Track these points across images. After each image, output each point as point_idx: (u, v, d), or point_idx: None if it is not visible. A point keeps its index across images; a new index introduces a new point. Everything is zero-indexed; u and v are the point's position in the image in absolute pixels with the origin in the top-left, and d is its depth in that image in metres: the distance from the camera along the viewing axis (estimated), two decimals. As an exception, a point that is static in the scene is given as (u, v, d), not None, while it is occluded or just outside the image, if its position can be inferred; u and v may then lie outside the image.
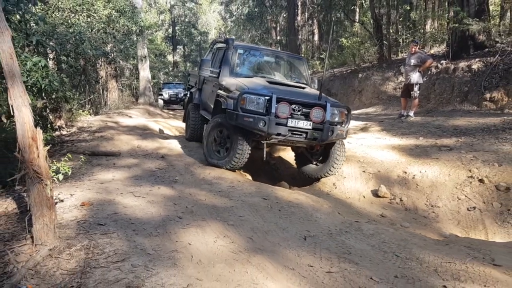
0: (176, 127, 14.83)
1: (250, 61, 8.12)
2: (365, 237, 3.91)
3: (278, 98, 5.93)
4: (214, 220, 4.16)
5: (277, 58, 8.44)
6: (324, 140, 6.17)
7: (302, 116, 6.10)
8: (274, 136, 6.00)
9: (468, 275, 2.98)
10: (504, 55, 10.42)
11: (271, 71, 8.07)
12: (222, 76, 7.33)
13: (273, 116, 5.86)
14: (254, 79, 7.02)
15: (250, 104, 5.99)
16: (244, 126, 6.06)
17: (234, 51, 7.66)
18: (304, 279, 2.94)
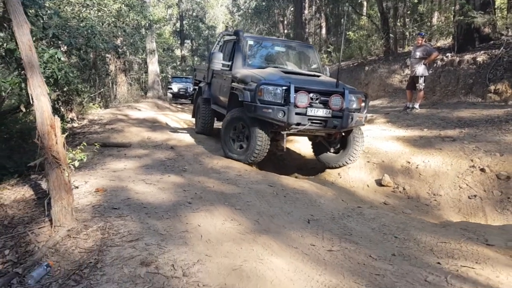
0: (184, 120, 15.04)
1: (261, 52, 8.06)
2: (366, 221, 4.10)
3: (296, 88, 5.90)
4: (222, 205, 4.36)
5: (288, 48, 8.36)
6: (344, 128, 6.17)
7: (321, 105, 6.07)
8: (294, 126, 5.97)
9: (461, 253, 3.16)
10: (508, 47, 10.50)
11: (283, 61, 8.02)
12: (235, 68, 7.25)
13: (292, 106, 5.83)
14: (268, 70, 6.97)
15: (267, 95, 5.95)
16: (263, 118, 6.02)
17: (245, 42, 7.58)
18: (306, 256, 3.13)
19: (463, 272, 2.85)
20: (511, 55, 10.26)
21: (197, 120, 9.72)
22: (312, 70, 7.82)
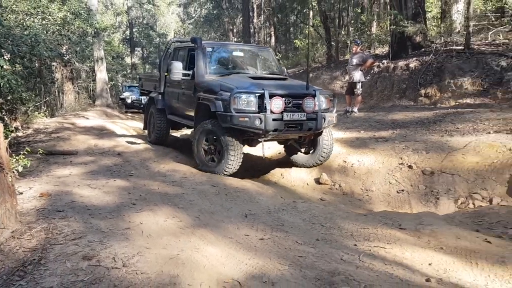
0: (133, 128, 15.03)
1: (220, 58, 7.89)
2: (298, 213, 4.46)
3: (270, 93, 5.89)
4: (165, 205, 4.59)
5: (246, 52, 8.23)
6: (319, 129, 6.27)
7: (295, 108, 6.10)
8: (272, 132, 5.93)
9: (376, 236, 3.57)
10: (437, 54, 11.38)
11: (243, 65, 7.91)
12: (198, 77, 7.02)
13: (269, 112, 5.80)
14: (233, 76, 6.93)
15: (242, 103, 5.88)
16: (240, 127, 5.95)
17: (203, 49, 7.35)
18: (239, 244, 3.43)
19: (375, 251, 3.25)
20: (439, 61, 11.13)
21: (150, 130, 9.40)
22: (273, 72, 7.85)
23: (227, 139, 6.13)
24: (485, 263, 2.95)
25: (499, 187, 5.94)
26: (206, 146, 6.59)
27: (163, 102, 8.57)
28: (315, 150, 7.03)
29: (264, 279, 2.76)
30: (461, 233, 3.50)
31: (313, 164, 7.17)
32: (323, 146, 6.90)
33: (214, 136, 6.39)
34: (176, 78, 7.34)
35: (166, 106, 8.48)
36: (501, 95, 9.48)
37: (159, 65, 8.91)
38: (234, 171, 6.29)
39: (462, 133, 7.58)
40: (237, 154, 6.16)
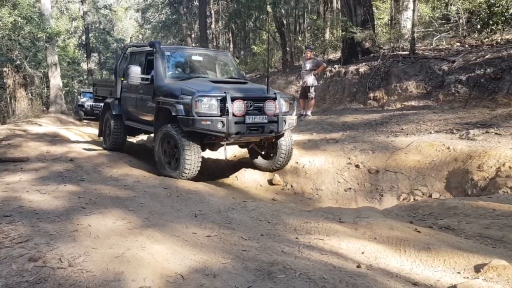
0: (88, 134, 14.82)
1: (179, 62, 7.90)
2: (247, 212, 4.61)
3: (232, 97, 5.99)
4: (115, 208, 4.63)
5: (205, 56, 8.25)
6: (280, 132, 6.38)
7: (256, 111, 6.23)
8: (234, 135, 6.03)
9: (317, 230, 3.78)
10: (385, 59, 11.90)
11: (202, 69, 7.93)
12: (158, 81, 6.96)
13: (231, 116, 5.89)
14: (194, 80, 6.91)
15: (204, 107, 5.92)
16: (202, 130, 6.00)
17: (162, 53, 7.28)
18: (186, 242, 3.54)
19: (314, 243, 3.45)
20: (386, 66, 11.66)
21: (105, 137, 9.18)
22: (232, 77, 7.91)
23: (184, 143, 6.13)
24: (412, 250, 3.20)
25: (438, 183, 6.33)
26: (165, 151, 6.59)
27: (119, 107, 8.45)
28: (275, 154, 7.09)
29: (207, 272, 2.89)
30: (394, 224, 3.76)
31: (273, 168, 7.24)
32: (281, 150, 6.96)
33: (173, 140, 6.37)
34: (134, 83, 7.20)
35: (123, 112, 8.36)
36: (442, 97, 10.05)
37: (115, 70, 8.80)
38: (192, 175, 6.30)
39: (406, 133, 8.00)
40: (194, 158, 6.17)
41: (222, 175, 7.74)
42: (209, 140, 6.54)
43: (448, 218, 4.01)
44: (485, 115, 8.08)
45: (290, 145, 7.02)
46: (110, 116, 8.65)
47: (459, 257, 2.97)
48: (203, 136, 6.30)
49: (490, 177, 5.78)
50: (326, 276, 2.71)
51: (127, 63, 8.24)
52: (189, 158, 6.13)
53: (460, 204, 4.23)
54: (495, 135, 6.77)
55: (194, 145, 6.18)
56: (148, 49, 7.71)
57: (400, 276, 2.78)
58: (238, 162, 8.07)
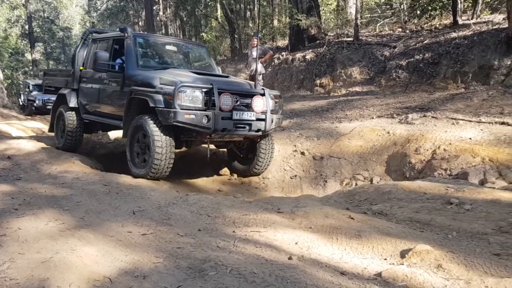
0: (32, 128, 14.24)
1: (153, 51, 7.25)
2: (188, 206, 4.55)
3: (219, 89, 5.50)
4: (50, 208, 4.44)
5: (180, 47, 7.70)
6: (267, 131, 5.95)
7: (244, 107, 5.77)
8: (220, 132, 5.52)
9: (255, 222, 3.78)
10: (330, 46, 12.05)
11: (177, 61, 7.34)
12: (129, 69, 6.31)
13: (218, 110, 5.39)
14: (173, 71, 6.31)
15: (187, 99, 5.38)
16: (184, 125, 5.44)
17: (134, 40, 6.63)
18: (119, 242, 3.45)
19: (250, 235, 3.45)
20: (332, 52, 11.83)
21: (58, 133, 8.25)
22: (211, 71, 7.33)
23: (154, 137, 5.52)
24: (344, 238, 3.26)
25: (378, 167, 6.52)
26: (137, 147, 5.99)
27: (76, 100, 7.67)
28: (253, 157, 6.60)
29: (137, 273, 2.82)
30: (330, 212, 3.81)
31: (251, 173, 6.77)
32: (261, 154, 6.49)
33: (144, 134, 5.78)
34: (102, 70, 6.56)
35: (80, 105, 7.59)
36: (384, 82, 10.32)
37: (73, 58, 8.10)
38: (162, 174, 5.72)
39: (350, 119, 8.17)
40: (166, 155, 5.56)
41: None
42: (188, 137, 6.04)
43: (382, 203, 4.13)
44: (424, 99, 8.37)
45: (271, 148, 6.57)
46: (65, 109, 7.81)
47: (387, 243, 3.05)
48: (181, 131, 5.79)
49: (427, 160, 6.01)
50: (257, 271, 2.71)
51: (88, 50, 7.59)
52: (159, 156, 5.51)
53: (394, 189, 4.36)
54: (432, 118, 7.03)
55: (166, 140, 5.55)
56: (115, 35, 7.13)
57: (329, 266, 2.82)
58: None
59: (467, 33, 9.76)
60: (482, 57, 8.80)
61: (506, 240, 2.96)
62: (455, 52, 9.25)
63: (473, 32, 9.68)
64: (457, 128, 6.39)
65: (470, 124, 6.43)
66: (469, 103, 7.49)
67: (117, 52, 6.91)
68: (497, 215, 3.40)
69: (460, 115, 6.93)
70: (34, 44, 41.56)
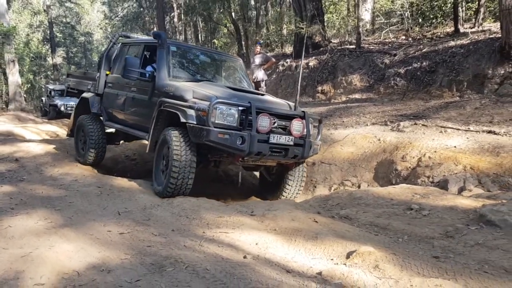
0: (46, 132, 14.73)
1: (186, 61, 6.80)
2: (171, 208, 4.80)
3: (257, 109, 4.99)
4: (43, 208, 4.75)
5: (215, 59, 7.24)
6: (305, 157, 5.50)
7: (281, 130, 5.27)
8: (254, 155, 5.01)
9: (227, 223, 4.00)
10: (332, 53, 12.22)
11: (211, 74, 6.91)
12: (160, 80, 5.87)
13: (254, 131, 4.88)
14: (207, 84, 5.89)
15: (221, 117, 4.92)
16: (217, 145, 4.94)
17: (168, 48, 6.20)
18: (97, 240, 3.72)
19: (217, 236, 3.68)
20: (334, 59, 11.98)
21: (78, 144, 7.61)
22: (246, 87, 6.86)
23: (174, 152, 5.07)
24: (301, 239, 3.46)
25: (367, 173, 6.67)
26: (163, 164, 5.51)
27: (99, 105, 7.26)
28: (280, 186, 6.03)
29: (103, 268, 3.08)
30: (298, 215, 4.01)
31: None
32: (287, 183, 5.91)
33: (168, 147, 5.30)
34: (131, 78, 6.12)
35: (104, 111, 7.19)
36: (383, 90, 10.43)
37: (99, 61, 7.86)
38: (180, 192, 5.21)
39: (346, 126, 8.32)
40: (184, 172, 5.07)
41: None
42: (217, 157, 5.59)
43: (350, 208, 4.31)
44: (420, 106, 8.47)
45: (301, 176, 5.94)
46: (87, 120, 7.25)
47: (338, 245, 3.24)
48: (210, 150, 5.33)
49: (412, 167, 6.14)
50: (210, 268, 2.94)
51: (117, 54, 7.22)
52: (175, 174, 5.06)
53: (364, 195, 4.53)
54: (422, 126, 7.14)
55: (186, 157, 5.06)
56: (147, 41, 6.85)
57: (279, 265, 3.03)
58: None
59: (464, 42, 9.82)
60: (477, 66, 8.87)
61: (449, 244, 3.12)
62: (451, 61, 9.34)
63: (470, 41, 9.74)
64: (444, 136, 6.50)
65: (458, 133, 6.54)
66: (461, 111, 7.58)
67: (148, 59, 6.63)
68: (449, 220, 3.55)
69: (450, 123, 7.03)
70: (55, 49, 42.75)
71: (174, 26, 23.46)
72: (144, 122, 6.09)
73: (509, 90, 8.02)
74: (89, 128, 7.05)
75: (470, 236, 3.23)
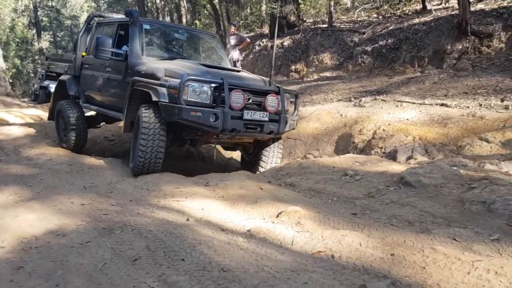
0: (30, 116, 14.92)
1: (160, 39, 6.70)
2: (135, 182, 5.12)
3: (230, 85, 4.99)
4: (15, 185, 5.07)
5: (190, 36, 7.13)
6: (280, 133, 5.51)
7: (255, 106, 5.25)
8: (228, 132, 5.03)
9: (181, 193, 4.35)
10: (306, 33, 12.46)
11: (186, 51, 6.85)
12: (133, 58, 5.82)
13: (227, 108, 4.89)
14: (180, 62, 5.83)
15: (194, 94, 4.90)
16: (189, 123, 4.98)
17: (140, 26, 6.12)
18: (59, 210, 4.05)
19: (169, 204, 4.02)
20: (307, 39, 12.23)
21: (60, 130, 7.51)
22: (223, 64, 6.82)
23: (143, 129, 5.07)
24: (243, 204, 3.82)
25: (328, 147, 7.03)
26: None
27: (77, 87, 7.24)
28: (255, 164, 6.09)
29: (59, 232, 3.41)
30: (247, 184, 4.36)
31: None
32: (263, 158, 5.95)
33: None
34: (103, 58, 6.08)
35: (81, 93, 7.17)
36: (351, 68, 10.75)
37: (75, 43, 7.74)
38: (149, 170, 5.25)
39: (314, 103, 8.65)
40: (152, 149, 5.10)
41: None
42: (191, 136, 5.64)
43: (296, 176, 4.67)
44: (384, 83, 8.80)
45: (277, 153, 5.98)
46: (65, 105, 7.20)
47: (273, 207, 3.60)
48: (184, 128, 5.38)
49: (367, 140, 6.51)
50: (153, 229, 3.28)
51: (92, 35, 7.12)
52: (143, 153, 5.08)
53: (311, 164, 4.90)
54: (381, 101, 7.49)
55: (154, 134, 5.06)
56: (120, 20, 6.73)
57: (216, 225, 3.38)
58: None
59: (428, 19, 10.11)
60: (437, 42, 9.19)
61: (368, 203, 3.49)
62: (414, 38, 9.64)
63: (433, 18, 10.03)
64: (400, 110, 6.85)
65: (412, 106, 6.89)
66: (421, 86, 7.92)
67: (123, 39, 6.45)
68: (375, 183, 3.92)
69: (408, 97, 7.38)
70: (40, 33, 42.44)
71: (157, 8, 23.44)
72: (120, 102, 6.04)
73: (466, 64, 8.37)
74: (68, 113, 6.99)
75: (387, 196, 3.60)
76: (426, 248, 2.52)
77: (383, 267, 2.41)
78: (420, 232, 2.85)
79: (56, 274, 2.72)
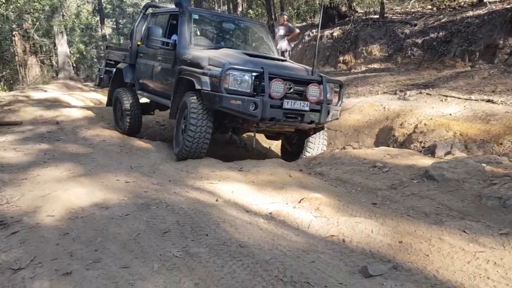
0: (91, 99, 15.81)
1: (208, 29, 6.94)
2: (176, 164, 5.46)
3: (270, 74, 5.02)
4: (70, 162, 5.57)
5: (238, 26, 7.27)
6: (322, 123, 5.48)
7: (296, 95, 5.26)
8: (268, 121, 5.10)
9: (216, 176, 4.62)
10: (356, 24, 12.33)
11: (234, 40, 7.03)
12: (181, 47, 6.04)
13: (267, 97, 4.95)
14: (224, 51, 5.98)
15: (234, 83, 5.01)
16: (229, 111, 5.11)
17: (189, 16, 6.32)
18: (106, 186, 4.45)
19: (203, 185, 4.30)
20: (357, 30, 12.11)
21: (117, 115, 7.97)
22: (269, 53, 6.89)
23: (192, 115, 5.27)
24: (270, 189, 4.02)
25: (368, 139, 7.06)
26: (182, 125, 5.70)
27: (132, 75, 7.56)
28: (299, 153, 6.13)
29: (103, 205, 3.79)
30: (277, 171, 4.56)
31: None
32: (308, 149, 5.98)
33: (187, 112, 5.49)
34: (154, 47, 6.26)
35: (136, 80, 7.49)
36: (400, 60, 10.55)
37: (131, 32, 8.02)
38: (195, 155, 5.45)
39: (358, 95, 8.65)
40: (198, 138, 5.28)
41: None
42: (233, 124, 5.78)
43: (327, 166, 4.80)
44: (432, 76, 8.62)
45: (321, 144, 5.98)
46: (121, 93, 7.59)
47: (297, 193, 3.78)
48: (227, 116, 5.50)
49: (408, 133, 6.48)
50: (185, 207, 3.58)
51: (146, 24, 7.40)
52: (191, 137, 5.27)
53: (343, 155, 5.00)
54: (426, 95, 7.38)
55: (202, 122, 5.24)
56: (172, 10, 6.91)
57: (242, 207, 3.62)
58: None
59: (481, 12, 9.70)
60: (489, 36, 8.83)
61: (390, 194, 3.59)
62: (466, 31, 9.31)
63: (487, 11, 9.61)
64: (443, 105, 6.74)
65: (457, 101, 6.75)
66: (469, 81, 7.70)
67: (174, 28, 6.58)
68: (401, 176, 3.99)
69: (454, 92, 7.22)
70: (103, 20, 44.41)
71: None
72: (169, 90, 6.26)
73: (518, 60, 8.03)
74: (124, 100, 7.38)
75: (409, 188, 3.67)
76: (433, 238, 2.62)
77: (389, 253, 2.55)
78: (433, 223, 2.93)
79: (96, 241, 3.07)
